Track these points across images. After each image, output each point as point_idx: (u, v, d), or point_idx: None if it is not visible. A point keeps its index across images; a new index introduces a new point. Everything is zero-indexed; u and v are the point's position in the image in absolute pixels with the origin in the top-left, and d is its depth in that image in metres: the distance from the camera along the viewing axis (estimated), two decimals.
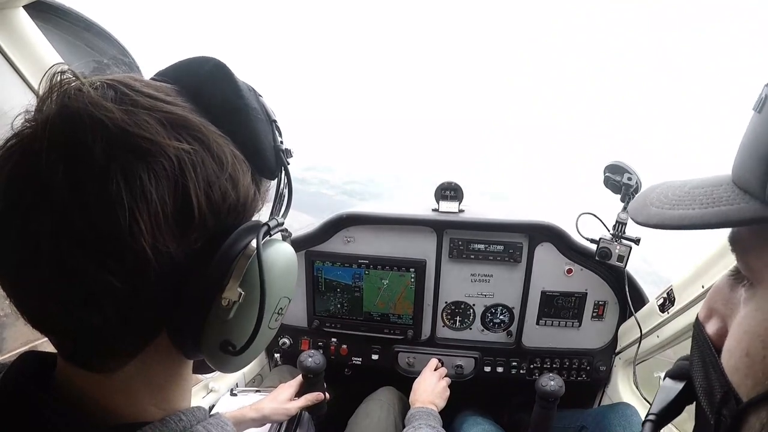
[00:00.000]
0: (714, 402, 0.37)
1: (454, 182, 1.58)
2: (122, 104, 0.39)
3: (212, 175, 0.42)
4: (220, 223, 0.43)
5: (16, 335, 1.09)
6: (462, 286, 1.61)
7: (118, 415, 0.44)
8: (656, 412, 0.51)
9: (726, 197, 0.34)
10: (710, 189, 0.36)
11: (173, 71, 0.48)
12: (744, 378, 0.34)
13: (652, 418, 0.51)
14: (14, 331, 1.09)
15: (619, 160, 1.40)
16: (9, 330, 1.08)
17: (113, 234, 0.37)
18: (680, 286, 1.28)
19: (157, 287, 0.40)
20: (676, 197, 0.38)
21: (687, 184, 0.39)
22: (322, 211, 1.81)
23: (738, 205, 0.33)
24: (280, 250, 0.49)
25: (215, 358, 0.46)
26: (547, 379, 1.33)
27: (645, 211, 0.40)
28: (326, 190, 16.74)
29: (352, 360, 1.71)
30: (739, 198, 0.33)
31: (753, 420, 0.33)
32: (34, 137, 0.38)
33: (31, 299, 0.40)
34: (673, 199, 0.39)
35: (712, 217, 0.34)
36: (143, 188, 0.37)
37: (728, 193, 0.34)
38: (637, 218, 0.41)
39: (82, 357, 0.42)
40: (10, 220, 0.38)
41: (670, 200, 0.39)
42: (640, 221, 0.40)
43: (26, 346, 1.12)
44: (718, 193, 0.35)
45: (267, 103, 0.53)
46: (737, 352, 0.35)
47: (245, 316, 0.45)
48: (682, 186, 0.39)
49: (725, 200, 0.34)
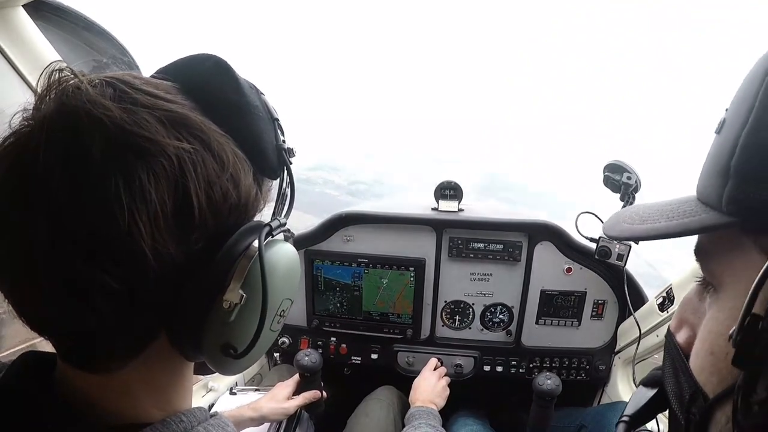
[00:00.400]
0: (683, 402, 0.39)
1: (453, 181, 1.58)
2: (121, 102, 0.38)
3: (213, 174, 0.41)
4: (221, 224, 0.42)
5: (14, 333, 1.09)
6: (461, 285, 1.61)
7: (119, 416, 0.43)
8: (629, 414, 0.54)
9: (690, 210, 0.38)
10: (677, 205, 0.40)
11: (174, 69, 0.47)
12: (710, 376, 0.37)
13: (625, 419, 0.54)
14: (13, 329, 1.09)
15: (618, 160, 1.40)
16: (8, 328, 1.08)
17: (111, 235, 0.36)
18: (680, 285, 1.28)
19: (157, 289, 0.39)
20: (647, 214, 0.43)
21: (657, 204, 0.44)
22: (325, 212, 1.82)
23: (699, 216, 0.37)
24: (282, 251, 0.49)
25: (216, 361, 0.46)
26: (544, 378, 1.33)
27: (617, 227, 0.45)
28: (331, 190, 16.69)
29: (351, 359, 1.71)
30: (701, 210, 0.37)
31: (719, 415, 0.35)
32: (31, 136, 0.37)
33: (28, 302, 0.40)
34: (643, 216, 0.43)
35: (676, 227, 0.38)
36: (142, 188, 0.37)
37: (692, 207, 0.38)
38: (609, 233, 0.46)
39: (81, 359, 0.42)
40: (5, 219, 0.37)
41: (641, 217, 0.43)
42: (613, 235, 0.45)
43: (25, 344, 1.12)
44: (683, 208, 0.39)
45: (269, 101, 0.52)
46: (702, 353, 0.38)
47: (247, 318, 0.44)
48: (652, 206, 0.44)
49: (689, 213, 0.38)
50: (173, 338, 0.43)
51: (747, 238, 0.34)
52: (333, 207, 1.66)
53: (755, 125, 0.32)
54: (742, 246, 0.35)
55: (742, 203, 0.33)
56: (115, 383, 0.43)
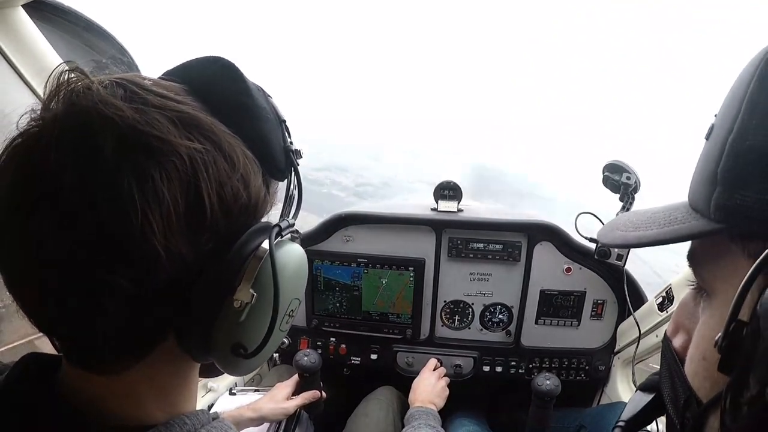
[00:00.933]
0: (679, 407, 0.40)
1: (452, 181, 1.58)
2: (132, 102, 0.38)
3: (224, 175, 0.41)
4: (231, 224, 0.43)
5: (15, 328, 1.10)
6: (461, 285, 1.61)
7: (122, 418, 0.43)
8: (625, 419, 0.55)
9: (680, 218, 0.39)
10: (668, 212, 0.41)
11: (181, 71, 0.47)
12: (703, 381, 0.37)
13: (621, 424, 0.55)
14: (12, 325, 1.09)
15: (618, 159, 1.40)
16: (6, 323, 1.08)
17: (124, 234, 0.36)
18: (679, 284, 1.28)
19: (167, 289, 0.39)
20: (639, 221, 0.44)
21: (650, 211, 0.45)
22: (326, 213, 1.81)
23: (689, 223, 0.37)
24: (291, 251, 0.49)
25: (226, 361, 0.46)
26: (543, 379, 1.33)
27: (611, 234, 0.46)
28: (337, 191, 16.65)
29: (351, 359, 1.71)
30: (691, 217, 0.38)
31: (712, 420, 0.35)
32: (41, 136, 0.37)
33: (35, 301, 0.39)
34: (636, 223, 0.44)
35: (666, 234, 0.39)
36: (155, 188, 0.36)
37: (682, 214, 0.39)
38: (603, 240, 0.48)
39: (87, 360, 0.42)
40: (14, 219, 0.37)
41: (634, 224, 0.44)
42: (607, 242, 0.47)
43: (24, 340, 1.12)
44: (674, 215, 0.40)
45: (276, 104, 0.52)
46: (696, 358, 0.38)
47: (257, 318, 0.44)
48: (645, 212, 0.45)
49: (679, 220, 0.39)
50: (182, 339, 0.43)
51: (735, 245, 0.34)
52: (337, 208, 1.66)
53: (740, 132, 0.32)
54: (731, 252, 0.35)
55: (728, 209, 0.33)
56: (120, 385, 0.43)
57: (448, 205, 1.58)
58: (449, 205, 1.57)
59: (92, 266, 0.36)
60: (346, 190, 17.34)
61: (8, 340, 1.09)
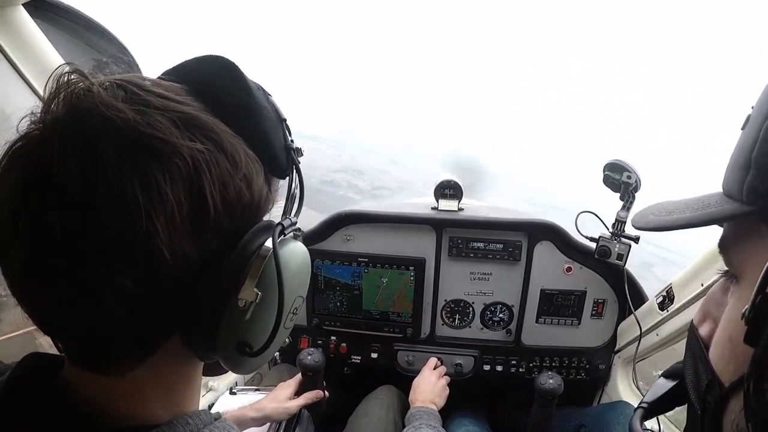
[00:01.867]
0: (700, 391, 0.40)
1: (453, 180, 1.58)
2: (133, 104, 0.38)
3: (227, 174, 0.41)
4: (234, 224, 0.43)
5: (13, 318, 1.09)
6: (461, 284, 1.61)
7: (126, 418, 0.43)
8: (648, 401, 0.56)
9: (714, 203, 0.40)
10: (702, 199, 0.42)
11: (181, 70, 0.47)
12: (727, 364, 0.38)
13: (644, 405, 0.56)
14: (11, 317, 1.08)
15: (618, 159, 1.39)
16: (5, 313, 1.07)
17: (129, 236, 0.36)
18: (679, 284, 1.28)
19: (172, 289, 0.39)
20: (673, 207, 0.45)
21: (684, 199, 0.46)
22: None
23: (721, 206, 0.38)
24: (294, 250, 0.49)
25: (231, 360, 0.46)
26: (546, 378, 1.33)
27: (644, 219, 0.48)
28: (354, 194, 16.58)
29: (351, 358, 1.71)
30: (723, 202, 0.39)
31: (733, 403, 0.36)
32: (43, 139, 0.37)
33: (39, 303, 0.39)
34: (669, 209, 0.45)
35: (699, 217, 0.40)
36: (159, 189, 0.37)
37: (716, 200, 0.40)
38: (637, 225, 0.49)
39: (91, 360, 0.42)
40: (17, 222, 0.37)
41: (668, 210, 0.45)
42: (640, 226, 0.48)
43: (22, 330, 1.11)
44: (707, 201, 0.41)
45: (276, 103, 0.53)
46: (722, 340, 0.39)
47: (262, 316, 0.44)
48: (679, 200, 0.46)
49: (712, 205, 0.40)
50: (187, 338, 0.43)
51: (766, 227, 0.35)
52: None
53: None
54: (762, 235, 0.36)
55: (761, 192, 0.34)
56: (123, 385, 0.43)
57: (448, 204, 1.58)
58: (450, 204, 1.57)
59: (96, 268, 0.36)
60: (362, 193, 17.29)
61: (6, 330, 1.08)
